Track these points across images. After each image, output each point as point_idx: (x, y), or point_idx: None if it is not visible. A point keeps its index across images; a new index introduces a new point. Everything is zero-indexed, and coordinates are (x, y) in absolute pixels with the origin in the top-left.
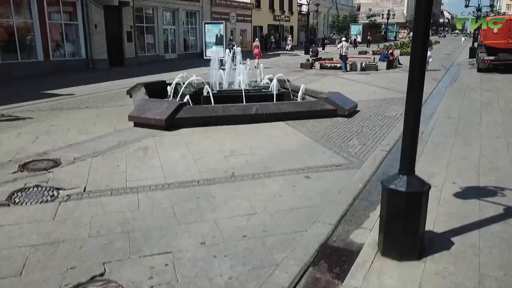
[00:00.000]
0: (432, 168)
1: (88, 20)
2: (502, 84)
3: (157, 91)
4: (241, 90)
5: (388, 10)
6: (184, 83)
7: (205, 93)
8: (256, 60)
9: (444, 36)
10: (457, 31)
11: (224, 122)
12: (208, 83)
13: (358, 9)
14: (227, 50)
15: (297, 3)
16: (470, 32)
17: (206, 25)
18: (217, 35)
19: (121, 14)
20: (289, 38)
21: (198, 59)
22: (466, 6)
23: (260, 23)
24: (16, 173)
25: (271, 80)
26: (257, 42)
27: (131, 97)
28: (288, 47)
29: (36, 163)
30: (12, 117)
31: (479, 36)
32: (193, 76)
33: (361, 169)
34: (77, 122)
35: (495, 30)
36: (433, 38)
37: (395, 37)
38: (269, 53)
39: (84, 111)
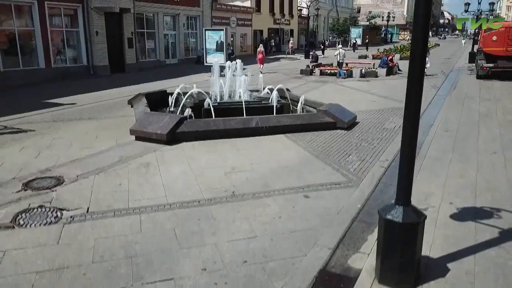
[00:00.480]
0: (430, 186)
1: (89, 27)
2: (501, 92)
3: (158, 101)
4: (242, 102)
5: (388, 13)
6: (185, 94)
7: (205, 106)
8: (260, 65)
9: (444, 38)
10: (457, 32)
11: (225, 135)
12: (209, 94)
13: (358, 11)
14: (228, 61)
15: (297, 6)
16: (470, 33)
17: (206, 32)
18: (217, 41)
19: (122, 20)
20: (291, 42)
21: (198, 65)
22: (466, 11)
23: (260, 27)
24: (20, 192)
25: (271, 90)
26: (261, 48)
27: (132, 106)
28: (290, 50)
29: (40, 181)
30: (15, 129)
31: (478, 40)
32: (194, 86)
33: (359, 188)
34: (79, 135)
35: (494, 38)
36: (433, 40)
37: (391, 39)
38: (269, 57)
39: (86, 123)
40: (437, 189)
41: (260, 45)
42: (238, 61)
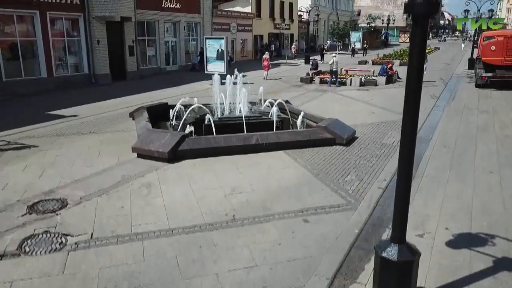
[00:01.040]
0: (427, 209)
1: (91, 36)
2: (499, 103)
3: (159, 113)
4: (242, 117)
5: (388, 16)
6: (186, 106)
7: (206, 122)
8: (265, 72)
9: (444, 40)
10: (457, 33)
11: (226, 152)
12: (210, 106)
13: (358, 14)
14: (228, 76)
15: (298, 11)
16: (470, 35)
17: (207, 40)
18: (218, 50)
19: (123, 28)
20: (293, 46)
21: (194, 73)
22: (465, 17)
23: (260, 32)
24: (25, 215)
25: (271, 104)
26: (266, 56)
27: (133, 119)
28: (293, 54)
29: (44, 204)
30: (18, 145)
31: (478, 45)
32: (195, 100)
33: (357, 211)
34: (81, 151)
35: (493, 48)
36: (432, 43)
37: (387, 41)
38: (270, 62)
39: (88, 138)
40: (433, 212)
41: (266, 52)
42: (239, 74)
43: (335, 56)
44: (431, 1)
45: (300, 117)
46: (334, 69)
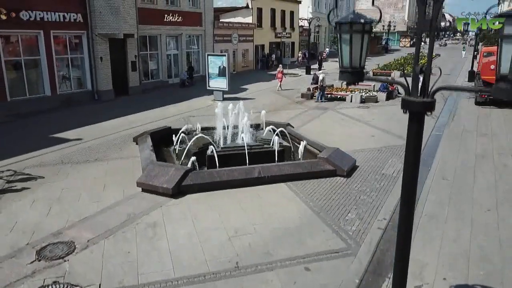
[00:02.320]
0: (425, 254)
1: (94, 53)
2: (498, 123)
3: (162, 138)
4: (244, 146)
5: (389, 22)
6: (188, 132)
7: (209, 152)
8: (279, 82)
9: (445, 45)
10: (458, 36)
11: (228, 186)
12: (213, 136)
13: None
14: (230, 104)
15: (299, 19)
16: (471, 38)
17: (209, 57)
18: (219, 66)
19: (126, 45)
20: (300, 55)
21: (203, 87)
22: (466, 31)
23: (261, 42)
24: (34, 262)
25: (274, 130)
26: (280, 68)
27: (137, 144)
28: (298, 62)
29: (52, 249)
30: (24, 175)
31: (478, 58)
32: (198, 126)
33: (357, 257)
34: (87, 184)
35: (492, 67)
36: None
37: (387, 47)
38: (270, 72)
39: (93, 166)
40: (431, 258)
41: (280, 65)
42: (241, 102)
43: (322, 72)
44: (426, 101)
45: (301, 147)
46: (323, 85)
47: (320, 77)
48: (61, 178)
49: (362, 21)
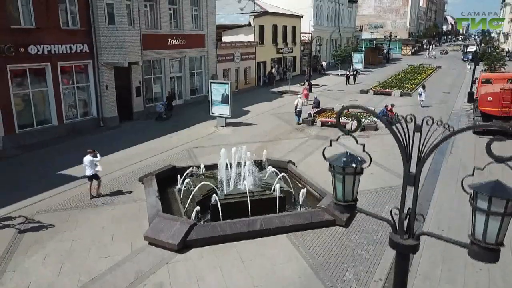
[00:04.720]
0: None
1: (99, 81)
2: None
3: (167, 178)
4: (247, 194)
5: (390, 32)
6: (192, 175)
7: (212, 201)
8: (304, 99)
9: (446, 52)
10: (460, 40)
11: (232, 239)
12: (215, 180)
13: (361, 30)
14: (233, 148)
15: (300, 33)
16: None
17: (212, 84)
18: (222, 94)
19: (130, 72)
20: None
21: (204, 107)
22: (466, 52)
23: (263, 59)
24: None
25: (277, 174)
26: (305, 85)
27: (142, 183)
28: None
29: None
30: (35, 222)
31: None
32: (201, 167)
33: None
34: (95, 235)
35: (490, 98)
36: (433, 56)
37: (388, 57)
38: (272, 89)
39: (100, 212)
40: None
41: (305, 82)
42: (244, 147)
43: (300, 97)
44: (412, 244)
45: (302, 194)
46: (299, 109)
47: (295, 102)
48: (71, 227)
49: (353, 165)
